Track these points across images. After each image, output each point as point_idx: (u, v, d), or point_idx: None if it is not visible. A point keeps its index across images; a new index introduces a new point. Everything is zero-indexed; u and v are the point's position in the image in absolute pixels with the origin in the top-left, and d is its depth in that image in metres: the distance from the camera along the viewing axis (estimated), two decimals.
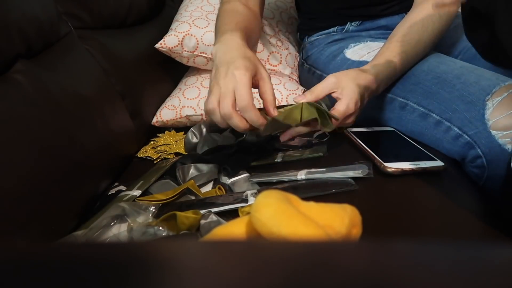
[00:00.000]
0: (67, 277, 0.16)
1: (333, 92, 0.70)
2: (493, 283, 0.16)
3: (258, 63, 0.67)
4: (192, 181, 0.66)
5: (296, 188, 0.62)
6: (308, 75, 1.03)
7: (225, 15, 0.82)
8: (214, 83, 0.64)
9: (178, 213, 0.53)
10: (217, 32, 0.76)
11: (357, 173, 0.65)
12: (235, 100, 0.61)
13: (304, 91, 0.76)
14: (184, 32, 0.93)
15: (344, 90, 0.69)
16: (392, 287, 0.15)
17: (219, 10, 0.85)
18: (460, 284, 0.15)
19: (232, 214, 0.57)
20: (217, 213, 0.57)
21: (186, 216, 0.53)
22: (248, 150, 0.75)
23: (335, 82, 0.70)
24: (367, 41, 0.93)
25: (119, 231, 0.54)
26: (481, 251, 0.18)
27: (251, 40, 0.79)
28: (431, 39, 0.81)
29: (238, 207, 0.58)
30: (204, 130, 0.86)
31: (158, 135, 0.92)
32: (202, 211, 0.56)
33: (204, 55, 0.94)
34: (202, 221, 0.55)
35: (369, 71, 0.74)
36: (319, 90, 0.69)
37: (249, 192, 0.60)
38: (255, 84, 0.66)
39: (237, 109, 0.62)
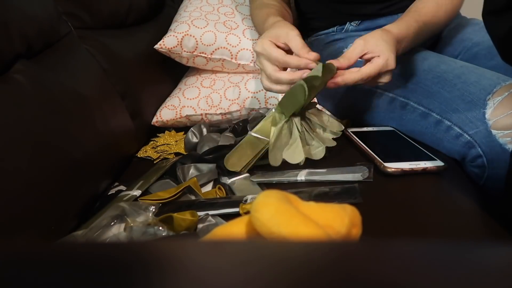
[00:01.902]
0: (67, 277, 0.16)
1: (365, 55, 0.70)
2: (493, 283, 0.16)
3: (284, 29, 0.73)
4: (195, 179, 0.66)
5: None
6: None
7: (257, 13, 0.91)
8: None
9: (175, 215, 0.53)
10: (260, 29, 0.88)
11: (357, 176, 0.65)
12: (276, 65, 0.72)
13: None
14: (183, 32, 0.93)
15: (378, 48, 0.69)
16: (392, 287, 0.15)
17: (251, 11, 0.97)
18: (460, 284, 0.15)
19: (232, 215, 0.57)
20: (215, 215, 0.57)
21: (183, 219, 0.53)
22: None
23: (363, 44, 0.70)
24: None
25: (119, 231, 0.54)
26: (480, 251, 0.18)
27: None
28: (443, 19, 0.83)
29: (238, 211, 0.58)
30: (204, 130, 0.86)
31: (158, 135, 0.92)
32: (200, 213, 0.56)
33: (203, 55, 0.94)
34: (200, 225, 0.55)
35: (392, 28, 0.75)
36: (350, 53, 0.70)
37: (249, 197, 0.60)
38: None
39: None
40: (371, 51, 0.69)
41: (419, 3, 0.83)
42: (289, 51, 0.72)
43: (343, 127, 0.75)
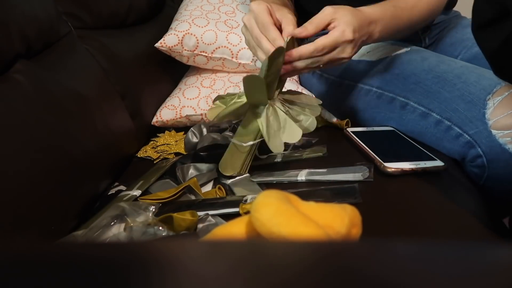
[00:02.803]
0: (67, 277, 0.16)
1: (330, 24, 0.68)
2: (493, 283, 0.16)
3: (284, 10, 0.71)
4: (195, 179, 0.66)
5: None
6: (307, 75, 1.03)
7: None
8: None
9: (175, 215, 0.53)
10: None
11: (357, 176, 0.65)
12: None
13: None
14: (184, 31, 0.93)
15: (341, 19, 0.68)
16: (392, 287, 0.15)
17: None
18: (460, 284, 0.15)
19: (231, 215, 0.57)
20: (215, 215, 0.57)
21: (183, 219, 0.53)
22: None
23: (333, 12, 0.68)
24: None
25: (119, 231, 0.54)
26: (480, 251, 0.18)
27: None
28: (424, 11, 0.82)
29: (238, 211, 0.58)
30: (204, 130, 0.86)
31: (158, 135, 0.92)
32: (200, 213, 0.56)
33: (204, 54, 0.94)
34: (200, 225, 0.55)
35: (365, 9, 0.74)
36: (318, 20, 0.68)
37: (249, 197, 0.60)
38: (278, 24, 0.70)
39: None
40: (337, 20, 0.68)
41: None
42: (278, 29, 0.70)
43: (321, 101, 0.73)
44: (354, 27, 0.68)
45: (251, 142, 0.67)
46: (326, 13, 0.68)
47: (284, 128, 0.66)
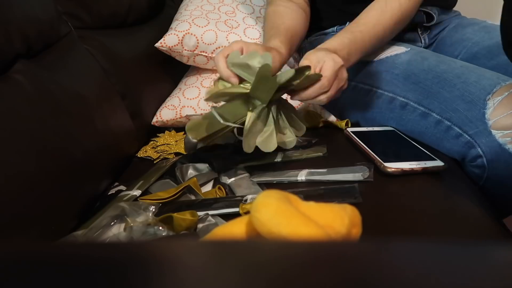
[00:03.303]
0: (67, 277, 0.16)
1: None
2: (493, 282, 0.16)
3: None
4: (195, 179, 0.66)
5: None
6: None
7: (268, 19, 0.89)
8: None
9: (175, 215, 0.53)
10: (264, 38, 0.87)
11: (357, 176, 0.65)
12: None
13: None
14: (184, 31, 0.93)
15: (318, 58, 0.69)
16: (392, 287, 0.15)
17: (266, 12, 0.92)
18: (460, 284, 0.15)
19: (231, 215, 0.57)
20: (215, 215, 0.57)
21: (183, 219, 0.53)
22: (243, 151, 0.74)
23: (308, 62, 0.69)
24: None
25: (119, 231, 0.54)
26: (481, 251, 0.18)
27: (297, 36, 0.87)
28: (389, 24, 0.82)
29: (238, 211, 0.58)
30: None
31: (158, 135, 0.92)
32: (200, 213, 0.56)
33: (204, 54, 0.94)
34: (200, 225, 0.55)
35: (323, 44, 0.75)
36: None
37: (249, 197, 0.60)
38: None
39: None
40: (316, 63, 0.69)
41: (362, 14, 0.83)
42: None
43: (305, 130, 0.74)
44: (334, 55, 0.70)
45: (229, 124, 0.66)
46: (304, 62, 0.70)
47: (265, 134, 0.67)
